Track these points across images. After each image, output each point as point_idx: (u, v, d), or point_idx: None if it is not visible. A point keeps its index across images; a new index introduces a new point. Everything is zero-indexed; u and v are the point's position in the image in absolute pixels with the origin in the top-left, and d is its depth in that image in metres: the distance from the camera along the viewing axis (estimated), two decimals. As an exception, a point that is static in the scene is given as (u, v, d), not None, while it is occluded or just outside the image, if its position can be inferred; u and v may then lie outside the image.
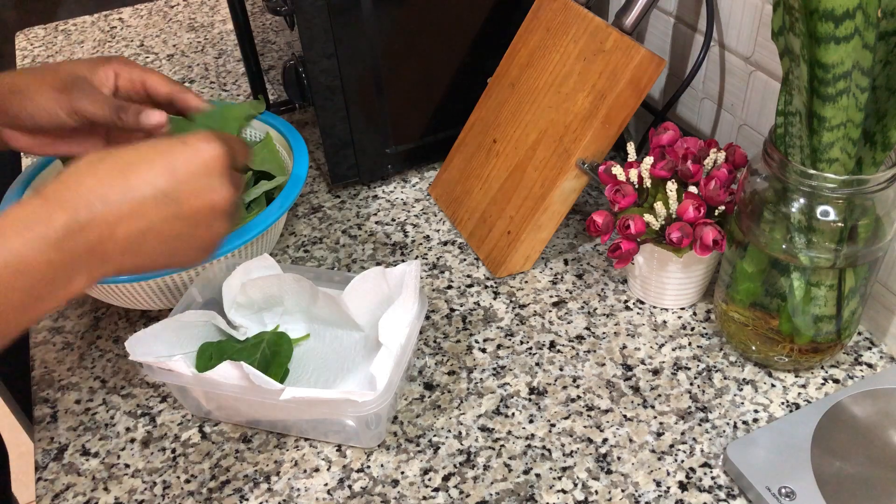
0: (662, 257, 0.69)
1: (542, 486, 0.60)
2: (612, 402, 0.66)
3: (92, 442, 0.66)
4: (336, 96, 0.83)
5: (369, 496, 0.60)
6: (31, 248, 0.42)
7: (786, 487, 0.56)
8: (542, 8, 0.80)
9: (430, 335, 0.73)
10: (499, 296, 0.76)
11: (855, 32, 0.48)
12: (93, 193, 0.45)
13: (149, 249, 0.47)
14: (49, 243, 0.43)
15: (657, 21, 0.83)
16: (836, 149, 0.54)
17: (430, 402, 0.67)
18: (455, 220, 0.85)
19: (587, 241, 0.82)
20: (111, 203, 0.45)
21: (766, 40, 0.69)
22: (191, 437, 0.65)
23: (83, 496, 0.62)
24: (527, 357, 0.70)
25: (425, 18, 0.82)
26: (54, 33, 1.31)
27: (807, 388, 0.66)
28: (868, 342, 0.69)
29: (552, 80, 0.77)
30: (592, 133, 0.71)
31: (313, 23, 0.77)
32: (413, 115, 0.88)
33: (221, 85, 1.13)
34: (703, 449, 0.61)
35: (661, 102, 0.88)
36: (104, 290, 0.69)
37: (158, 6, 1.37)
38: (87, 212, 0.44)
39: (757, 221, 0.60)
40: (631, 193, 0.67)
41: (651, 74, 0.70)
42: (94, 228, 0.44)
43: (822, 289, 0.60)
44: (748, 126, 0.75)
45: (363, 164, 0.89)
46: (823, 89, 0.51)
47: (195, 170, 0.47)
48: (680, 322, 0.72)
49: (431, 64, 0.86)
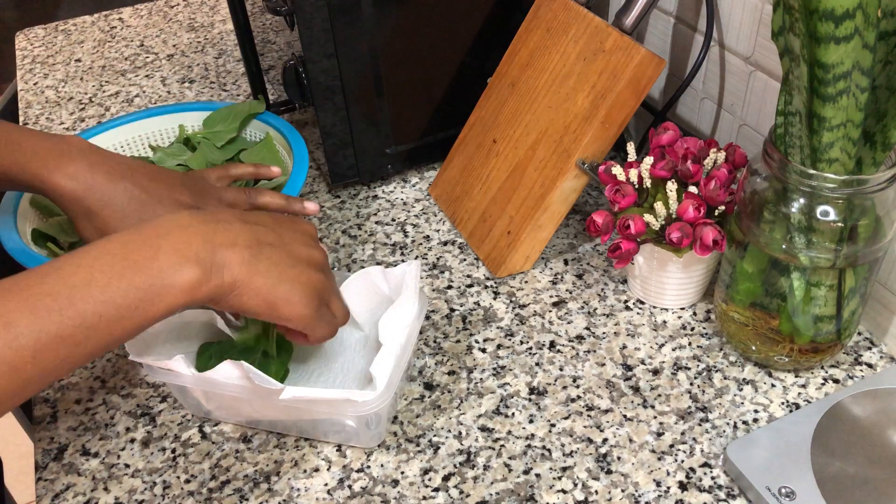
0: (662, 257, 0.69)
1: (542, 486, 0.60)
2: (612, 402, 0.66)
3: (92, 442, 0.66)
4: (336, 96, 0.83)
5: (369, 496, 0.60)
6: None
7: (786, 487, 0.56)
8: (542, 8, 0.80)
9: (430, 335, 0.73)
10: (499, 296, 0.76)
11: (855, 32, 0.48)
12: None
13: (264, 264, 0.53)
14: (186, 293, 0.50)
15: (657, 21, 0.83)
16: (835, 149, 0.54)
17: (430, 402, 0.67)
18: (455, 220, 0.85)
19: (587, 241, 0.82)
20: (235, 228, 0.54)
21: (766, 40, 0.69)
22: (191, 437, 0.65)
23: (83, 496, 0.62)
24: (527, 357, 0.70)
25: (425, 18, 0.82)
26: (54, 33, 1.31)
27: (807, 388, 0.66)
28: (868, 342, 0.69)
29: (552, 80, 0.77)
30: (592, 133, 0.71)
31: (313, 23, 0.77)
32: (413, 115, 0.88)
33: (221, 85, 1.13)
34: (703, 449, 0.61)
35: (661, 102, 0.88)
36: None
37: (158, 6, 1.37)
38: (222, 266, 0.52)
39: (757, 221, 0.60)
40: (631, 193, 0.67)
41: (651, 74, 0.70)
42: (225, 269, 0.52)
43: (822, 289, 0.60)
44: (748, 126, 0.75)
45: (363, 164, 0.89)
46: (823, 89, 0.51)
47: (291, 225, 0.58)
48: (680, 322, 0.72)
49: (431, 64, 0.86)
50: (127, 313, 0.47)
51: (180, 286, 0.49)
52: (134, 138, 0.85)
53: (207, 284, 0.50)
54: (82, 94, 1.14)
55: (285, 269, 0.54)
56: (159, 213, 0.64)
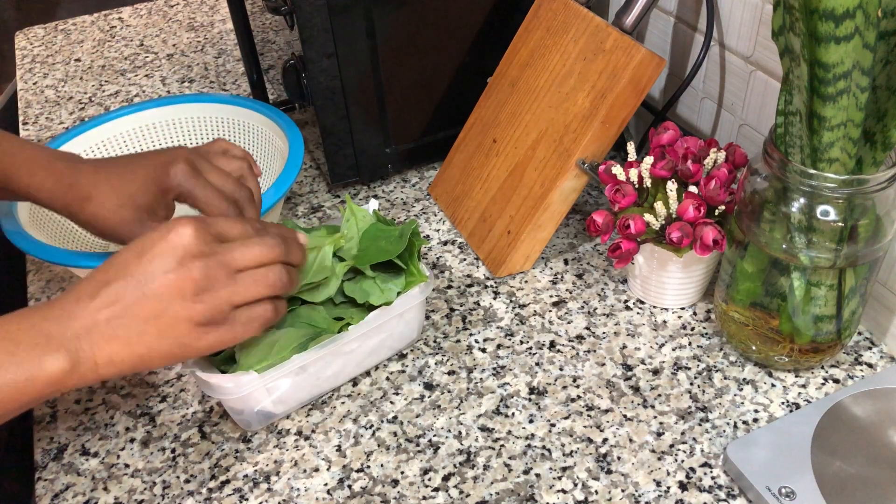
0: (662, 257, 0.69)
1: (542, 486, 0.60)
2: (612, 401, 0.66)
3: (91, 442, 0.66)
4: (336, 96, 0.83)
5: (369, 496, 0.60)
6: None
7: (786, 487, 0.55)
8: (542, 8, 0.80)
9: (430, 335, 0.73)
10: (499, 295, 0.76)
11: (855, 32, 0.48)
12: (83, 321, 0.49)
13: (134, 333, 0.49)
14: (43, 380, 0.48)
15: (657, 21, 0.83)
16: (836, 148, 0.54)
17: (430, 402, 0.67)
18: (455, 219, 0.85)
19: (587, 241, 0.82)
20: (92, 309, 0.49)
21: (767, 40, 0.69)
22: (191, 437, 0.65)
23: (83, 496, 0.62)
24: (527, 357, 0.70)
25: (425, 18, 0.82)
26: (54, 33, 1.31)
27: (807, 388, 0.66)
28: (868, 342, 0.69)
29: (552, 79, 0.77)
30: (592, 133, 0.71)
31: (313, 23, 0.77)
32: (413, 115, 0.88)
33: (221, 84, 1.13)
34: (703, 449, 0.61)
35: (661, 102, 0.88)
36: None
37: (158, 6, 1.37)
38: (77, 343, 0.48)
39: (757, 221, 0.60)
40: (631, 193, 0.67)
41: (651, 74, 0.70)
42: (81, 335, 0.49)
43: (822, 289, 0.60)
44: (748, 126, 0.75)
45: (363, 163, 0.89)
46: (823, 89, 0.51)
47: (160, 250, 0.50)
48: (680, 322, 0.72)
49: (431, 64, 0.86)
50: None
51: (45, 378, 0.47)
52: (131, 130, 0.86)
53: (76, 372, 0.48)
54: (82, 94, 1.14)
55: (139, 325, 0.50)
56: (148, 158, 0.63)
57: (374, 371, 0.69)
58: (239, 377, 0.59)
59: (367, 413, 0.66)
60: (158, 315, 0.50)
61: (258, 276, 0.53)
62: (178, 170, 0.62)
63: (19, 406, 0.48)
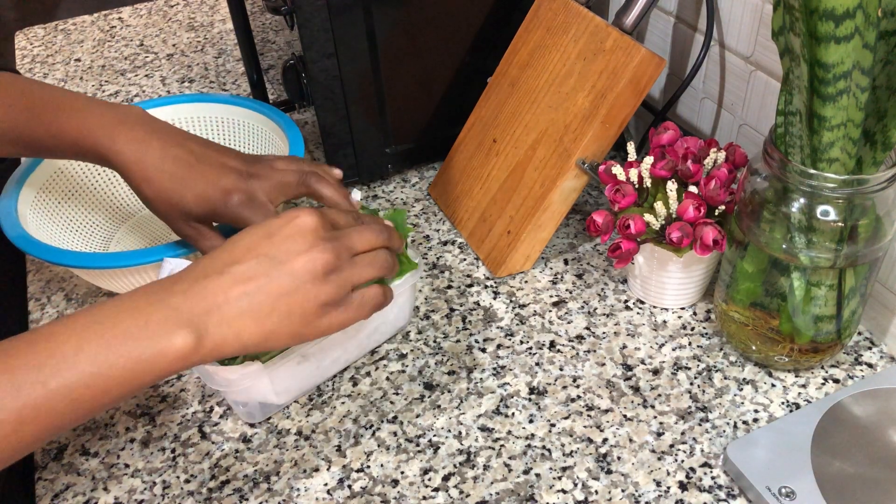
0: (662, 257, 0.69)
1: (542, 486, 0.60)
2: (612, 402, 0.66)
3: (91, 442, 0.66)
4: (336, 96, 0.83)
5: (369, 496, 0.60)
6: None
7: (786, 487, 0.55)
8: (542, 8, 0.80)
9: (430, 335, 0.73)
10: (499, 295, 0.76)
11: (855, 32, 0.48)
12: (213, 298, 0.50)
13: (266, 310, 0.50)
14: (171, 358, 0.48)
15: (657, 21, 0.83)
16: (836, 148, 0.54)
17: (430, 402, 0.67)
18: (455, 219, 0.85)
19: (587, 241, 0.82)
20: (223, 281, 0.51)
21: (767, 40, 0.69)
22: (190, 437, 0.65)
23: (83, 496, 0.62)
24: (527, 357, 0.70)
25: (425, 18, 0.82)
26: (54, 33, 1.31)
27: (807, 387, 0.66)
28: (868, 342, 0.69)
29: (552, 79, 0.77)
30: (592, 133, 0.71)
31: (313, 22, 0.77)
32: (413, 115, 0.88)
33: (221, 84, 1.13)
34: (703, 449, 0.61)
35: (661, 102, 0.88)
36: (110, 280, 0.68)
37: (158, 6, 1.37)
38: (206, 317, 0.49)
39: (757, 221, 0.60)
40: (631, 193, 0.67)
41: (651, 74, 0.70)
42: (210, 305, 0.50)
43: (822, 289, 0.60)
44: (748, 126, 0.75)
45: (363, 163, 0.89)
46: (823, 89, 0.51)
47: (290, 232, 0.53)
48: (680, 322, 0.72)
49: (431, 64, 0.86)
50: (116, 384, 0.46)
51: (173, 353, 0.48)
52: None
53: (202, 349, 0.49)
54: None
55: (266, 305, 0.51)
56: (207, 174, 0.64)
57: (374, 371, 0.70)
58: (243, 368, 0.60)
59: (367, 413, 0.66)
60: (290, 293, 0.51)
61: (371, 259, 0.56)
62: (234, 200, 0.64)
63: (141, 385, 0.47)
